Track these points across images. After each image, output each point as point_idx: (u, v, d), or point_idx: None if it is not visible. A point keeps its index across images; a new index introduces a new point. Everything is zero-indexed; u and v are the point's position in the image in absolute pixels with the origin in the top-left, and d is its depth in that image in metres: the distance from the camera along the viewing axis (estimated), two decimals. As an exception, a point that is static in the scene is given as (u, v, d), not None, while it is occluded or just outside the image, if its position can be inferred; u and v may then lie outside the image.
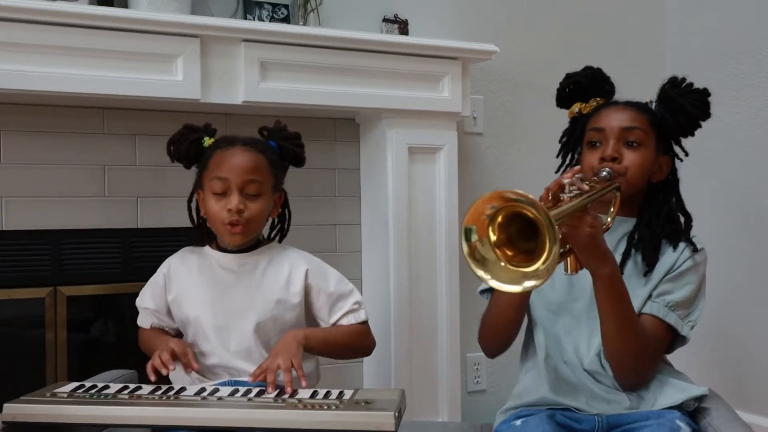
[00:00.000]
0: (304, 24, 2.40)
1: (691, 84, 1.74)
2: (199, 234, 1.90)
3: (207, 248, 1.87)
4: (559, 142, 1.88)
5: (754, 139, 2.79)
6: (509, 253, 1.32)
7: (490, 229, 1.31)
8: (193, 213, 1.89)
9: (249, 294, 1.80)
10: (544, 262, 1.26)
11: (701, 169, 2.91)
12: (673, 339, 1.66)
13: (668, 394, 1.61)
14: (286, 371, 1.63)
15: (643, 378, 1.62)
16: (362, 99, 2.36)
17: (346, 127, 2.57)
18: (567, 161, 1.86)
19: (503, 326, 1.69)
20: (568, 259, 1.49)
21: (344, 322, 1.86)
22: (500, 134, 2.85)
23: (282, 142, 1.88)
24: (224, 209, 1.75)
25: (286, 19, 2.38)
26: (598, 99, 1.79)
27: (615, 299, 1.54)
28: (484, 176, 2.81)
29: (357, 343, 1.89)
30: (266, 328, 1.79)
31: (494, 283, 1.31)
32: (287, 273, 1.83)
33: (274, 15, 2.37)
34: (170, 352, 1.71)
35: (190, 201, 1.89)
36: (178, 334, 1.88)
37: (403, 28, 2.60)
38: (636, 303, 1.61)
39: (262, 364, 1.68)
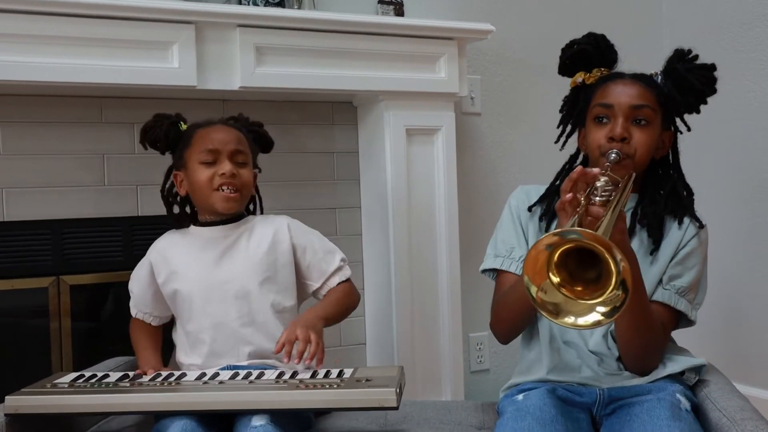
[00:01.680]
0: (299, 8, 2.39)
1: (697, 57, 1.69)
2: (177, 217, 1.93)
3: (191, 227, 1.90)
4: (560, 111, 1.84)
5: (754, 110, 2.78)
6: (578, 288, 1.30)
7: (550, 273, 1.30)
8: (167, 200, 1.93)
9: (242, 261, 1.82)
10: (613, 288, 1.26)
11: (701, 141, 2.91)
12: (679, 320, 1.67)
13: (668, 366, 1.62)
14: (303, 341, 1.63)
15: (651, 366, 1.62)
16: (359, 82, 2.36)
17: (344, 110, 2.57)
18: (567, 132, 1.82)
19: (522, 314, 1.67)
20: None
21: (335, 280, 1.89)
22: (499, 114, 2.84)
23: (253, 128, 1.96)
24: (215, 174, 1.79)
25: (280, 4, 2.37)
26: (602, 69, 1.74)
27: (634, 295, 1.53)
28: (482, 156, 2.81)
29: (351, 302, 1.93)
30: (265, 290, 1.81)
31: (580, 321, 1.29)
32: (272, 233, 1.86)
33: (269, -1, 2.36)
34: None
35: (163, 190, 1.93)
36: (162, 325, 1.92)
37: (399, 9, 2.59)
38: (646, 286, 1.59)
39: (281, 337, 1.67)
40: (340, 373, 1.59)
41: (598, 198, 1.44)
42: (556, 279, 1.30)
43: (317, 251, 1.90)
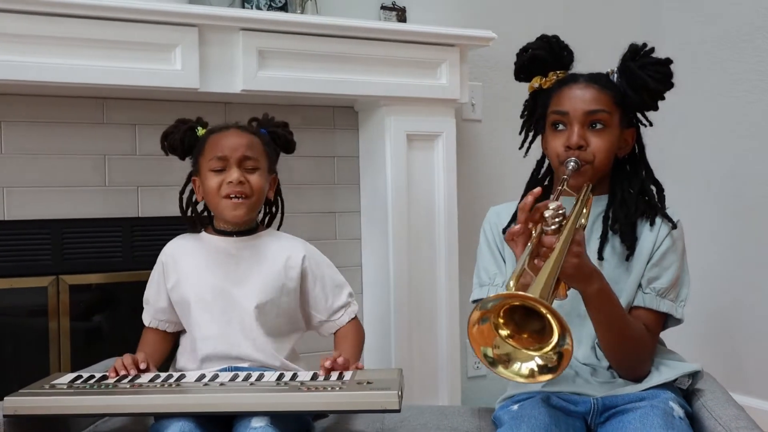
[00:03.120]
0: (302, 12, 2.41)
1: (652, 51, 1.67)
2: (192, 222, 1.92)
3: (203, 233, 1.89)
4: (521, 117, 1.83)
5: (749, 122, 2.80)
6: (524, 336, 1.31)
7: (498, 330, 1.30)
8: (184, 202, 1.92)
9: (248, 277, 1.82)
10: (550, 350, 1.27)
11: (696, 150, 2.92)
12: (667, 320, 1.67)
13: (662, 373, 1.62)
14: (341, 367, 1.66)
15: (643, 372, 1.62)
16: (360, 87, 2.37)
17: (345, 114, 2.58)
18: (529, 138, 1.82)
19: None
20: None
21: (344, 318, 1.91)
22: (499, 121, 2.85)
23: (272, 129, 1.93)
24: (224, 183, 1.78)
25: (283, 8, 2.38)
26: (558, 72, 1.73)
27: (605, 311, 1.52)
28: (482, 163, 2.82)
29: (362, 340, 1.94)
30: (265, 310, 1.81)
31: (523, 369, 1.30)
32: (285, 257, 1.85)
33: (272, 4, 2.37)
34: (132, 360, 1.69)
35: (182, 192, 1.92)
36: (178, 332, 1.91)
37: (401, 15, 2.60)
38: (624, 295, 1.60)
39: (338, 358, 1.67)
40: (341, 376, 1.59)
41: (550, 227, 1.41)
42: (504, 332, 1.31)
43: (326, 284, 1.89)
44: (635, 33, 3.04)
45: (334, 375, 1.60)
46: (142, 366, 1.67)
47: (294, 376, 1.60)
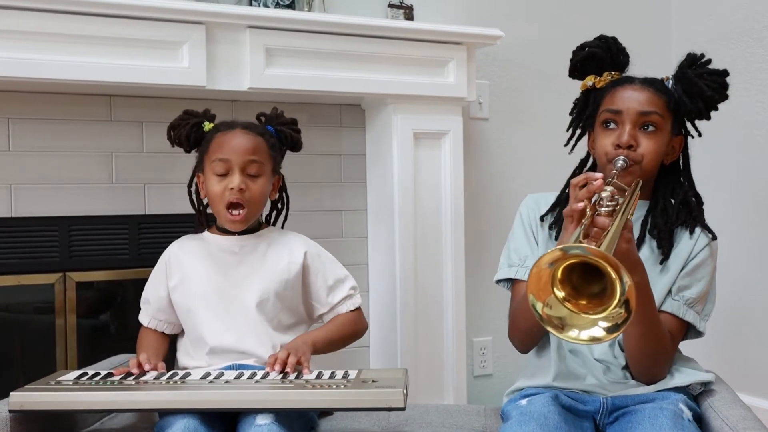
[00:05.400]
0: (309, 10, 2.40)
1: (709, 62, 1.68)
2: (198, 218, 1.93)
3: (206, 233, 1.90)
4: (570, 114, 1.83)
5: (761, 122, 2.78)
6: (582, 302, 1.30)
7: (554, 288, 1.29)
8: (194, 197, 1.93)
9: (251, 274, 1.82)
10: (616, 305, 1.26)
11: (710, 150, 2.91)
12: (688, 331, 1.67)
13: (675, 378, 1.62)
14: (281, 362, 1.64)
15: (659, 375, 1.62)
16: (367, 85, 2.36)
17: (352, 112, 2.57)
18: (576, 135, 1.82)
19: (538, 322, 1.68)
20: None
21: (342, 308, 1.90)
22: (506, 119, 2.85)
23: (279, 127, 1.92)
24: (226, 189, 1.78)
25: (291, 6, 2.38)
26: (613, 73, 1.74)
27: (642, 305, 1.51)
28: (489, 161, 2.82)
29: (353, 331, 1.92)
30: (269, 307, 1.81)
31: (583, 336, 1.29)
32: (288, 254, 1.86)
33: (279, 1, 2.37)
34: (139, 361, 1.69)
35: (190, 185, 1.93)
36: (176, 333, 1.91)
37: (409, 13, 2.59)
38: (655, 295, 1.59)
39: (275, 353, 1.69)
40: (346, 374, 1.59)
41: (604, 208, 1.43)
42: (560, 293, 1.30)
43: (327, 278, 1.89)
44: (643, 34, 3.04)
45: (339, 373, 1.60)
46: (160, 367, 1.68)
47: (299, 374, 1.60)
